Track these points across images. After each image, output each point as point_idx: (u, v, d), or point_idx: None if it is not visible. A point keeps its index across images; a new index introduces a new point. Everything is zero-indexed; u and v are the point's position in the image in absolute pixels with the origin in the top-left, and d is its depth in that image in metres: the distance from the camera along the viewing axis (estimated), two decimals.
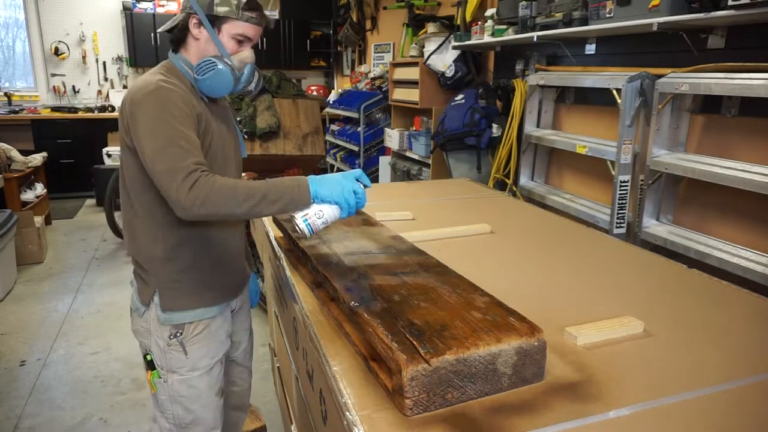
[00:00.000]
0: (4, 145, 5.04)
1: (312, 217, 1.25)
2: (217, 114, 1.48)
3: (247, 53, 1.42)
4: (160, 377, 1.49)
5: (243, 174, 3.84)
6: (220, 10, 1.36)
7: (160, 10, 6.96)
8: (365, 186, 1.31)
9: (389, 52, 5.75)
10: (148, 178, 1.30)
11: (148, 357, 1.50)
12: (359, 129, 5.39)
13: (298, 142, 4.72)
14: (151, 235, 1.40)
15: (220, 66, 1.35)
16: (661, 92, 2.14)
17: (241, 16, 1.37)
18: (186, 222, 1.36)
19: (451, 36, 3.75)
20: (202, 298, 1.47)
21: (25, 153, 5.27)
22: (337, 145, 6.13)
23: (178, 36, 1.43)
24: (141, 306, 1.48)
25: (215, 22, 1.37)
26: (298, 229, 1.27)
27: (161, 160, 1.23)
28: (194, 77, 1.38)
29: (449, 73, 3.76)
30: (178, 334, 1.45)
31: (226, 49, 1.39)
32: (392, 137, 4.55)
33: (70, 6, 6.82)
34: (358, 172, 1.31)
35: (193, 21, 1.38)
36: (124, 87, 7.18)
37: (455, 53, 3.74)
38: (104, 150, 6.18)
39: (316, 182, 1.26)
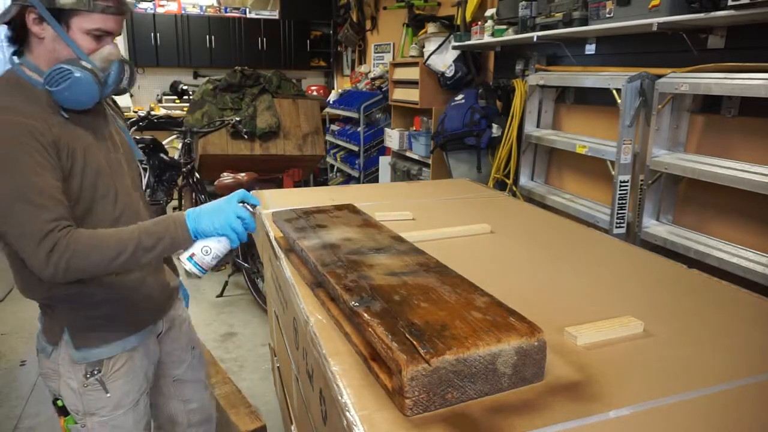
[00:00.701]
0: None
1: (199, 254, 1.16)
2: (88, 124, 1.24)
3: (109, 49, 1.19)
4: (76, 423, 1.35)
5: (243, 174, 3.84)
6: (65, 1, 1.10)
7: (160, 10, 6.96)
8: (253, 206, 1.20)
9: (389, 52, 5.75)
10: None
11: (59, 402, 1.35)
12: (359, 129, 5.39)
13: (298, 142, 4.72)
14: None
15: (78, 74, 1.11)
16: (661, 92, 2.14)
17: (93, 6, 1.11)
18: None
19: (451, 36, 3.75)
20: (120, 328, 1.31)
21: None
22: (337, 145, 6.14)
23: (17, 34, 1.16)
24: (48, 345, 1.30)
25: (61, 16, 1.11)
26: (185, 270, 1.18)
27: (8, 224, 1.04)
28: (48, 89, 1.12)
29: (449, 73, 3.76)
30: (95, 372, 1.29)
31: (81, 49, 1.14)
32: (392, 137, 4.55)
33: None
34: (241, 192, 1.20)
35: (31, 16, 1.11)
36: None
37: (455, 53, 3.75)
38: None
39: (194, 217, 1.13)
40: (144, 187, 4.60)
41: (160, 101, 7.34)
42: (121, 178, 1.30)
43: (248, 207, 1.20)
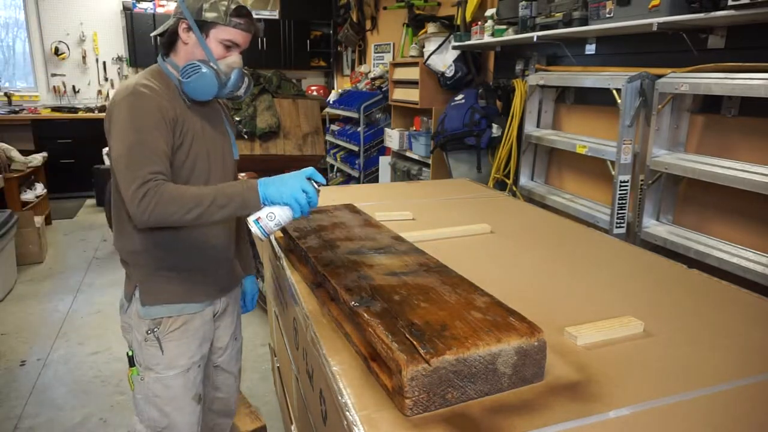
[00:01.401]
0: (4, 145, 5.05)
1: (264, 219, 1.26)
2: (205, 116, 1.49)
3: (234, 58, 1.44)
4: (138, 375, 1.51)
5: (242, 174, 3.84)
6: (209, 15, 1.39)
7: (160, 10, 6.96)
8: (319, 184, 1.30)
9: (389, 52, 5.75)
10: None
11: (129, 353, 1.52)
12: (359, 129, 5.39)
13: (298, 142, 4.72)
14: (134, 230, 1.42)
15: (204, 69, 1.37)
16: (661, 92, 2.14)
17: (228, 22, 1.39)
18: None
19: (451, 36, 3.75)
20: (181, 293, 1.48)
21: (25, 153, 5.27)
22: (337, 145, 6.14)
23: (169, 40, 1.46)
24: (125, 302, 1.52)
25: (203, 27, 1.40)
26: (252, 231, 1.27)
27: (121, 166, 1.27)
28: (179, 80, 1.40)
29: (449, 73, 3.76)
30: (155, 329, 1.46)
31: (212, 54, 1.41)
32: (392, 137, 4.55)
33: (70, 6, 6.82)
34: (310, 170, 1.32)
35: (182, 26, 1.41)
36: None
37: (455, 53, 3.75)
38: (104, 150, 6.18)
39: (264, 184, 1.27)
40: None
41: None
42: (216, 167, 1.50)
43: (314, 184, 1.29)
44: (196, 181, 1.44)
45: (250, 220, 1.27)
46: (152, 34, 1.56)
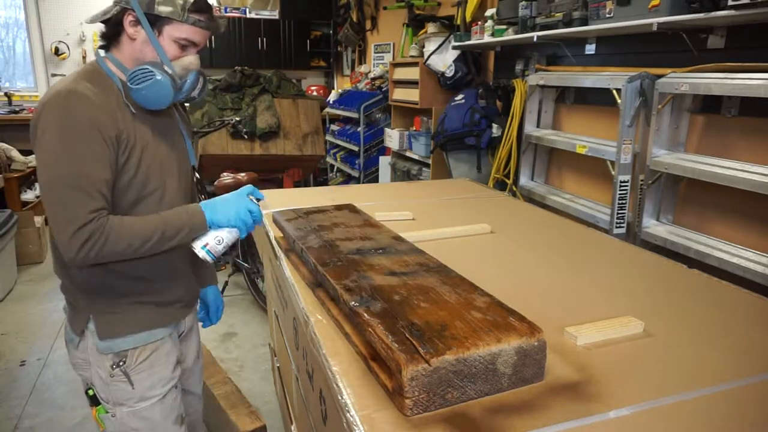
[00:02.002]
0: (4, 145, 5.05)
1: (212, 244, 1.27)
2: (155, 123, 1.30)
3: (191, 59, 1.28)
4: (107, 412, 1.36)
5: (243, 174, 3.84)
6: (163, 9, 1.19)
7: None
8: (258, 199, 1.30)
9: (389, 52, 5.75)
10: None
11: (90, 392, 1.37)
12: (359, 129, 5.39)
13: (298, 142, 4.72)
14: None
15: (159, 77, 1.19)
16: (661, 92, 2.14)
17: (186, 18, 1.21)
18: None
19: (451, 36, 3.75)
20: (145, 319, 1.32)
21: (25, 153, 5.27)
22: (337, 145, 6.14)
23: (111, 32, 1.24)
24: (74, 336, 1.34)
25: (156, 22, 1.20)
26: (198, 256, 1.28)
27: (54, 201, 1.11)
28: (127, 85, 1.21)
29: (449, 73, 3.76)
30: (120, 364, 1.30)
31: (166, 55, 1.23)
32: (392, 137, 4.55)
33: (70, 6, 6.82)
34: (249, 188, 1.30)
35: (129, 18, 1.20)
36: None
37: (455, 53, 3.75)
38: None
39: (210, 209, 1.24)
40: None
41: None
42: (171, 179, 1.34)
43: (254, 200, 1.30)
44: (148, 199, 1.28)
45: (197, 246, 1.26)
46: (87, 21, 1.33)
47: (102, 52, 1.28)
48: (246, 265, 3.69)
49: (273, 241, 1.76)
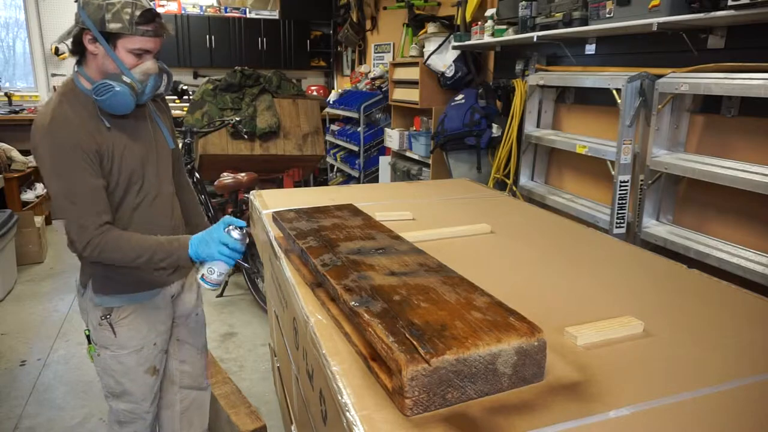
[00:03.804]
0: (4, 145, 5.05)
1: (207, 274, 1.43)
2: (128, 125, 1.49)
3: (148, 64, 1.42)
4: (95, 351, 1.63)
5: (243, 174, 3.84)
6: (113, 27, 1.34)
7: (160, 10, 6.95)
8: (240, 228, 1.41)
9: (389, 52, 5.75)
10: None
11: (86, 332, 1.64)
12: (359, 129, 5.39)
13: (298, 142, 4.72)
14: None
15: (117, 88, 1.35)
16: (661, 92, 2.14)
17: (135, 31, 1.35)
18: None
19: (451, 36, 3.75)
20: (130, 283, 1.57)
21: (25, 153, 5.27)
22: (337, 145, 6.14)
23: (77, 50, 1.42)
24: (81, 287, 1.62)
25: (110, 37, 1.35)
26: (201, 287, 1.51)
27: (65, 211, 1.36)
28: (94, 98, 1.37)
29: (449, 73, 3.76)
30: (107, 316, 1.57)
31: (125, 65, 1.38)
32: (392, 137, 4.55)
33: (70, 6, 6.80)
34: (226, 219, 1.42)
35: (87, 37, 1.36)
36: None
37: (455, 53, 3.75)
38: None
39: (195, 244, 1.41)
40: None
41: None
42: (150, 172, 1.55)
43: (235, 232, 1.41)
44: (131, 191, 1.50)
45: (198, 278, 1.46)
46: (52, 44, 1.58)
47: (76, 68, 1.45)
48: (246, 265, 3.69)
49: (273, 241, 1.76)
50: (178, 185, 1.76)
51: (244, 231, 1.44)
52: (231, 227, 1.41)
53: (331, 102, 6.24)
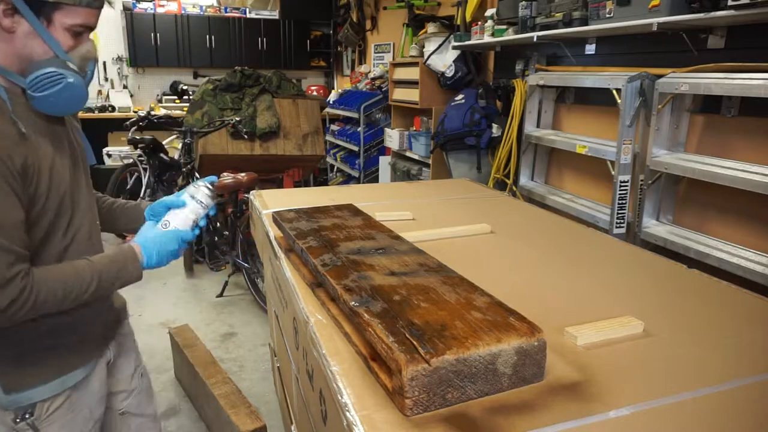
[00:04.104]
0: None
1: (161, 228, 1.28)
2: (50, 135, 1.08)
3: (88, 46, 1.07)
4: None
5: (243, 174, 3.83)
6: None
7: (160, 10, 6.95)
8: (212, 183, 1.31)
9: (389, 52, 5.75)
10: None
11: None
12: (359, 129, 5.39)
13: (298, 142, 4.71)
14: None
15: (71, 79, 1.01)
16: (661, 92, 2.14)
17: (80, 1, 0.99)
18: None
19: (451, 36, 3.75)
20: (56, 365, 1.13)
21: None
22: (337, 145, 6.14)
23: None
24: None
25: (42, 9, 0.97)
26: None
27: None
28: (29, 93, 1.00)
29: (449, 73, 3.76)
30: (26, 416, 1.11)
31: (61, 46, 1.01)
32: (392, 137, 4.56)
33: None
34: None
35: (2, 6, 0.94)
36: (125, 87, 7.18)
37: (455, 53, 3.75)
38: (104, 150, 6.18)
39: (147, 255, 1.16)
40: (144, 187, 4.61)
41: (160, 101, 7.34)
42: (79, 196, 1.15)
43: (207, 187, 1.30)
44: (57, 226, 1.09)
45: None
46: None
47: None
48: (246, 265, 3.69)
49: (273, 241, 1.76)
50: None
51: (214, 185, 1.31)
52: (200, 185, 1.28)
53: (331, 102, 6.24)
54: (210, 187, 1.32)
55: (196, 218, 1.30)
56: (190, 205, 1.29)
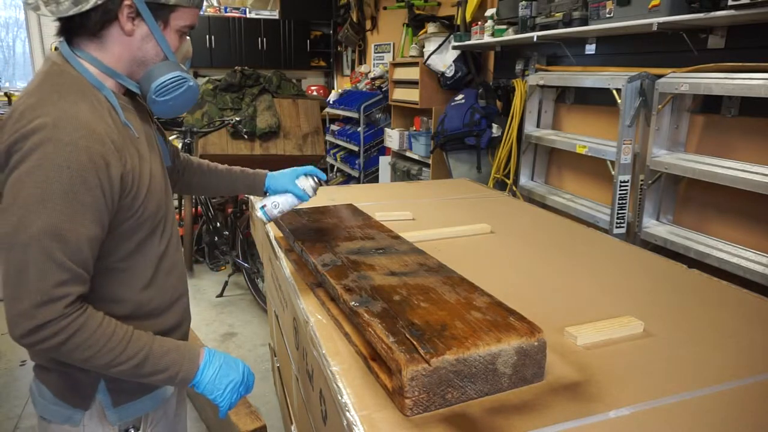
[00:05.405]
0: None
1: (269, 207, 1.36)
2: (144, 133, 1.06)
3: (187, 46, 1.08)
4: None
5: None
6: None
7: None
8: (319, 179, 1.36)
9: (389, 52, 5.75)
10: None
11: None
12: (359, 129, 5.39)
13: (298, 142, 4.72)
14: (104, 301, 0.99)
15: (191, 83, 1.02)
16: (661, 92, 2.14)
17: (192, 1, 0.99)
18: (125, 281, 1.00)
19: (451, 36, 3.75)
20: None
21: None
22: (337, 145, 6.14)
23: (87, 23, 0.95)
24: (75, 411, 1.03)
25: (160, 12, 0.97)
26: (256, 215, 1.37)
27: (12, 263, 0.84)
28: (151, 97, 1.00)
29: (449, 73, 3.76)
30: (130, 430, 1.11)
31: (171, 48, 1.01)
32: (392, 137, 4.56)
33: None
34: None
35: (126, 10, 0.93)
36: None
37: (455, 53, 3.75)
38: None
39: (209, 362, 1.03)
40: None
41: None
42: (169, 199, 1.11)
43: (314, 180, 1.37)
44: (155, 234, 1.05)
45: (258, 207, 1.36)
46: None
47: (74, 51, 0.99)
48: (246, 265, 3.69)
49: (273, 241, 1.76)
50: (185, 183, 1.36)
51: (321, 182, 1.39)
52: (305, 178, 1.35)
53: (331, 102, 6.24)
54: (317, 180, 1.39)
55: (295, 206, 1.39)
56: (299, 195, 1.37)
